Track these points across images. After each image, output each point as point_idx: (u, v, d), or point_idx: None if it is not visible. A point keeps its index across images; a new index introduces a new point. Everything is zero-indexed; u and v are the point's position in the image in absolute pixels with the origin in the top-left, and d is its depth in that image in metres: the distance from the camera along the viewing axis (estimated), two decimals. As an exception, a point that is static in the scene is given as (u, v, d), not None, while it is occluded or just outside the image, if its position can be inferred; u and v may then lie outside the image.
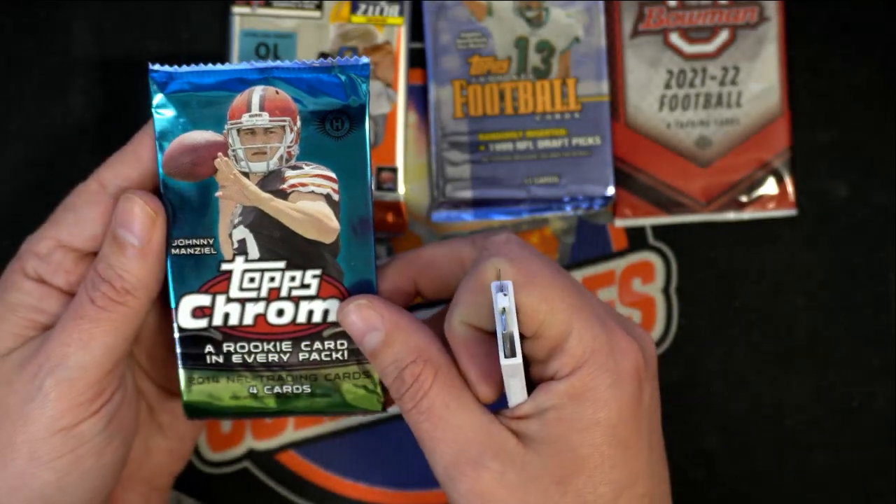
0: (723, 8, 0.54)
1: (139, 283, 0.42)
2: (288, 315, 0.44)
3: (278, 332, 0.44)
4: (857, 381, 0.55)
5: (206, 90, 0.43)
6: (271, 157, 0.43)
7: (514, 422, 0.40)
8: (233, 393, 0.44)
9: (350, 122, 0.43)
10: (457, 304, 0.41)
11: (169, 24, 0.53)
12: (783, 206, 0.54)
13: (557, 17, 0.53)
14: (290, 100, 0.43)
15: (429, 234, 0.54)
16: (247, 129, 0.43)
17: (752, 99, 0.54)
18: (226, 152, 0.43)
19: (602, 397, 0.39)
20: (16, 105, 0.52)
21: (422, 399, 0.40)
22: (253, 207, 0.43)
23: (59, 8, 0.52)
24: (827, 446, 0.55)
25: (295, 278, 0.43)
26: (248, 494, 0.53)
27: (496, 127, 0.53)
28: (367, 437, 0.53)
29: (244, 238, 0.43)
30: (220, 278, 0.43)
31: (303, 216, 0.43)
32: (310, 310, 0.44)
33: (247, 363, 0.44)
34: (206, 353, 0.44)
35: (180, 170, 0.43)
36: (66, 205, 0.44)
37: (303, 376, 0.44)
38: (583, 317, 0.39)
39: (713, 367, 0.55)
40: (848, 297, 0.55)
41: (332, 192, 0.43)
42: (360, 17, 0.53)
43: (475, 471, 0.39)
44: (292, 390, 0.44)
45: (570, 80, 0.53)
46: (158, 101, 0.42)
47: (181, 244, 0.43)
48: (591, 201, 0.53)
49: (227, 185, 0.43)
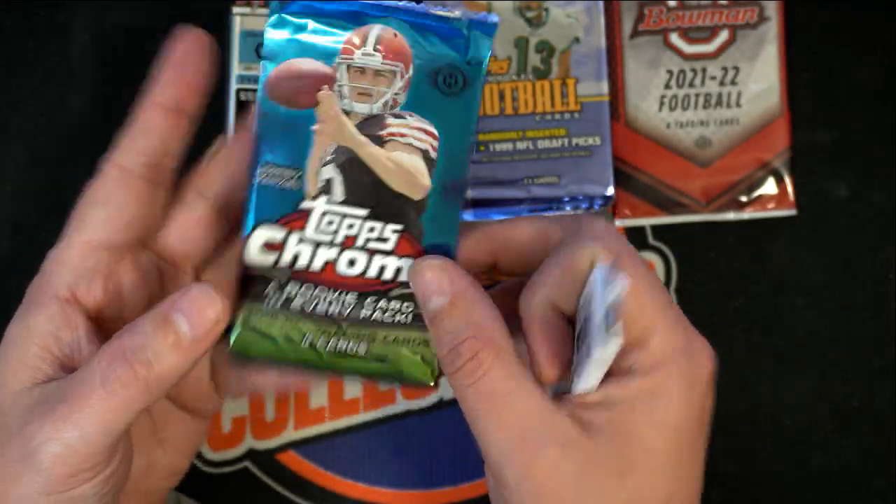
0: (723, 8, 0.54)
1: (170, 376, 0.38)
2: (359, 266, 0.42)
3: (346, 282, 0.42)
4: (857, 381, 0.55)
5: (325, 16, 0.41)
6: (376, 101, 0.41)
7: (578, 409, 0.39)
8: (287, 336, 0.42)
9: (464, 80, 0.41)
10: (542, 283, 0.40)
11: (169, 25, 0.53)
12: (783, 206, 0.54)
13: (557, 17, 0.53)
14: (407, 45, 0.41)
15: (429, 234, 0.54)
16: (357, 67, 0.41)
17: (751, 99, 0.54)
18: (332, 86, 0.41)
19: (676, 399, 0.38)
20: (16, 105, 0.52)
21: (482, 378, 0.38)
22: (346, 149, 0.41)
23: (59, 8, 0.52)
24: (827, 446, 0.55)
25: (374, 229, 0.42)
26: (248, 494, 0.53)
27: (496, 127, 0.53)
28: (368, 437, 0.53)
29: (332, 178, 0.41)
30: (298, 215, 0.41)
31: (395, 167, 0.41)
32: (382, 265, 0.42)
33: (306, 310, 0.41)
34: (268, 291, 0.41)
35: (281, 94, 0.41)
36: (88, 201, 0.41)
37: (362, 335, 0.42)
38: (668, 317, 0.39)
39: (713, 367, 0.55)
40: (848, 297, 0.55)
41: (430, 149, 0.41)
42: (360, 17, 0.52)
43: (533, 457, 0.38)
44: (348, 348, 0.42)
45: (570, 80, 0.53)
46: (273, 21, 0.41)
47: (268, 171, 0.41)
48: (591, 201, 0.53)
49: (326, 121, 0.41)
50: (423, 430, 0.53)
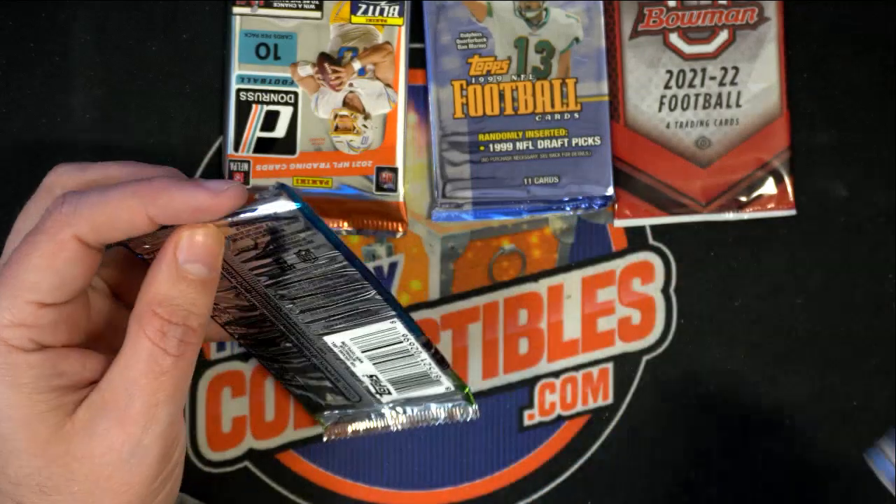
0: (722, 8, 0.54)
1: (208, 314, 0.40)
2: None
3: None
4: (857, 381, 0.55)
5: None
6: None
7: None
8: None
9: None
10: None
11: (169, 24, 0.53)
12: (782, 206, 0.54)
13: (557, 17, 0.53)
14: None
15: (429, 235, 0.54)
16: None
17: (751, 99, 0.54)
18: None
19: None
20: (16, 105, 0.52)
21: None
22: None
23: (60, 8, 0.52)
24: (827, 446, 0.55)
25: None
26: (248, 494, 0.53)
27: (496, 127, 0.53)
28: (367, 437, 0.53)
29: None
30: None
31: None
32: None
33: None
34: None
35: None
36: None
37: None
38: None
39: (713, 367, 0.55)
40: (848, 297, 0.55)
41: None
42: (361, 17, 0.53)
43: None
44: None
45: (570, 81, 0.53)
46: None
47: None
48: (591, 201, 0.53)
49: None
50: (424, 430, 0.53)
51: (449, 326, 0.54)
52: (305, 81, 0.52)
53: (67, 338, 0.40)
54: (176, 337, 0.39)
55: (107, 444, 0.39)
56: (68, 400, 0.39)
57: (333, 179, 0.52)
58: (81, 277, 0.39)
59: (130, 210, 0.38)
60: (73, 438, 0.39)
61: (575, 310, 0.54)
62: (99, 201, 0.38)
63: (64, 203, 0.39)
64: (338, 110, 0.53)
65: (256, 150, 0.52)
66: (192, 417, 0.53)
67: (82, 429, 0.39)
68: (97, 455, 0.39)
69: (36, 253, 0.38)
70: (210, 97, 0.52)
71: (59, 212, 0.38)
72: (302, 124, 0.52)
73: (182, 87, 0.52)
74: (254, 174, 0.52)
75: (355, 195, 0.52)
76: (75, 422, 0.39)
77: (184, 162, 0.52)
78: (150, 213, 0.38)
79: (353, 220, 0.52)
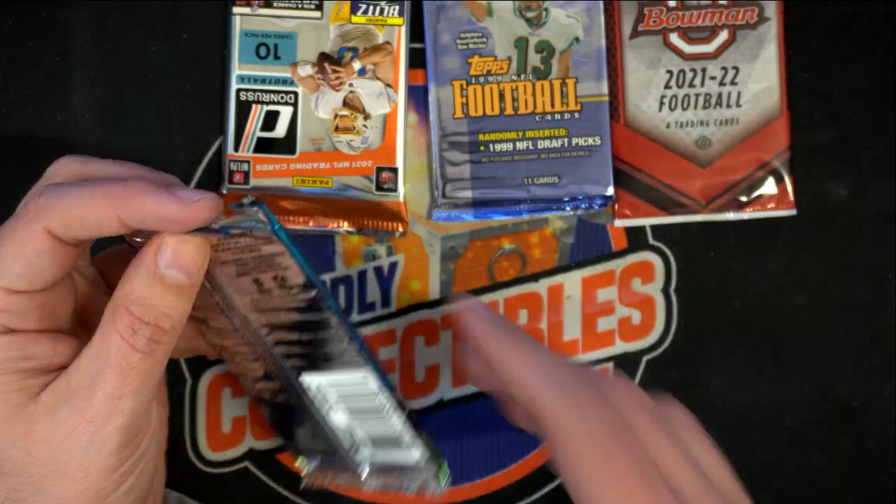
0: (722, 8, 0.54)
1: (183, 319, 0.40)
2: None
3: None
4: (857, 381, 0.55)
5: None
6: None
7: None
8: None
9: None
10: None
11: (169, 24, 0.53)
12: (782, 206, 0.54)
13: (557, 17, 0.53)
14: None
15: (429, 235, 0.54)
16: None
17: (751, 99, 0.54)
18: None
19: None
20: (16, 105, 0.52)
21: None
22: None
23: (60, 8, 0.52)
24: (827, 446, 0.55)
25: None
26: (248, 494, 0.53)
27: (496, 127, 0.53)
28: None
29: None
30: None
31: None
32: None
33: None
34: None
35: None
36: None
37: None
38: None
39: (713, 367, 0.55)
40: (848, 297, 0.55)
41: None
42: (361, 17, 0.53)
43: None
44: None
45: (570, 80, 0.53)
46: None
47: None
48: (591, 201, 0.53)
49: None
50: (423, 430, 0.53)
51: (449, 326, 0.54)
52: (305, 81, 0.52)
53: (39, 324, 0.40)
54: (145, 336, 0.39)
55: (66, 430, 0.39)
56: (34, 383, 0.39)
57: (333, 179, 0.52)
58: (52, 269, 0.39)
59: (99, 210, 0.38)
60: (35, 420, 0.39)
61: (575, 310, 0.54)
62: (70, 197, 0.38)
63: (41, 195, 0.39)
64: (338, 110, 0.53)
65: (256, 150, 0.52)
66: (192, 417, 0.53)
67: (45, 412, 0.39)
68: (57, 439, 0.39)
69: (8, 240, 0.39)
70: (210, 97, 0.53)
71: (34, 203, 0.39)
72: (302, 124, 0.52)
73: (182, 87, 0.52)
74: (254, 174, 0.52)
75: (355, 195, 0.52)
76: (38, 405, 0.39)
77: (184, 162, 0.52)
78: (120, 216, 0.38)
79: (353, 220, 0.52)
